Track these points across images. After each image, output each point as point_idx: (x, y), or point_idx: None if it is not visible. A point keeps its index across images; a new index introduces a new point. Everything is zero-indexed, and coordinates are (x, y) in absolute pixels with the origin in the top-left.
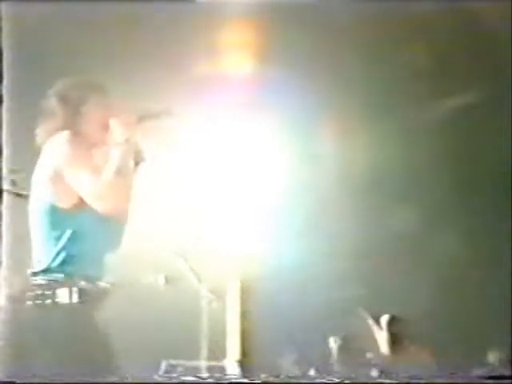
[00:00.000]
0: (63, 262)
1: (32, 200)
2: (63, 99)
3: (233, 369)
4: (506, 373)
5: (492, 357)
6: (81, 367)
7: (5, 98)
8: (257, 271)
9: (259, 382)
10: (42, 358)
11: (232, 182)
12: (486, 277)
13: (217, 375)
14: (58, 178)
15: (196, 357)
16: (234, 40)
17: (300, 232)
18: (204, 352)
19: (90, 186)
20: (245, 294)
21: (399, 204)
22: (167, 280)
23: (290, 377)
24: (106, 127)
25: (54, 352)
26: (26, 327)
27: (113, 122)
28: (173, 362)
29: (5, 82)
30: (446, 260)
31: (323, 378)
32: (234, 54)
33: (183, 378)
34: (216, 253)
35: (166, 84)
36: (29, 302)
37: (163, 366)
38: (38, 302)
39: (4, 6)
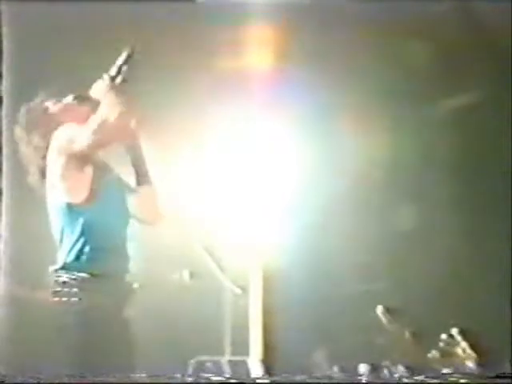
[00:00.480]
0: (80, 258)
1: (48, 200)
2: (30, 125)
3: (256, 367)
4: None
5: None
6: (97, 365)
7: (5, 98)
8: (279, 265)
9: (284, 381)
10: (59, 356)
11: (254, 176)
12: (504, 272)
13: (240, 374)
14: (67, 172)
15: (221, 352)
16: (236, 40)
17: (321, 225)
18: (229, 348)
19: (92, 126)
20: (267, 287)
21: (416, 198)
22: (192, 275)
23: (314, 376)
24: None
25: (72, 350)
26: (43, 324)
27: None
28: (201, 358)
29: (4, 82)
30: (463, 254)
31: (350, 377)
32: (236, 54)
33: (207, 376)
34: (238, 247)
35: (167, 84)
36: (49, 299)
37: (191, 363)
38: (57, 298)
39: (4, 6)
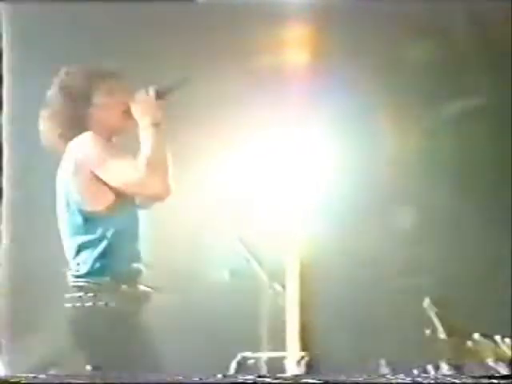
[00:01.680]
0: (103, 266)
1: (61, 206)
2: (68, 91)
3: (294, 366)
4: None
5: None
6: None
7: (5, 99)
8: (318, 259)
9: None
10: (80, 359)
11: (292, 165)
12: None
13: (280, 372)
14: (91, 181)
15: (262, 350)
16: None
17: (360, 220)
18: (269, 346)
19: (130, 175)
20: (305, 281)
21: (459, 190)
22: (232, 274)
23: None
24: (126, 113)
25: (93, 355)
26: (64, 329)
27: (133, 106)
28: (243, 354)
29: (5, 83)
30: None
31: (395, 376)
32: (272, 53)
33: (249, 376)
34: (277, 243)
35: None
36: (68, 304)
37: (234, 361)
38: (78, 304)
39: (4, 5)
